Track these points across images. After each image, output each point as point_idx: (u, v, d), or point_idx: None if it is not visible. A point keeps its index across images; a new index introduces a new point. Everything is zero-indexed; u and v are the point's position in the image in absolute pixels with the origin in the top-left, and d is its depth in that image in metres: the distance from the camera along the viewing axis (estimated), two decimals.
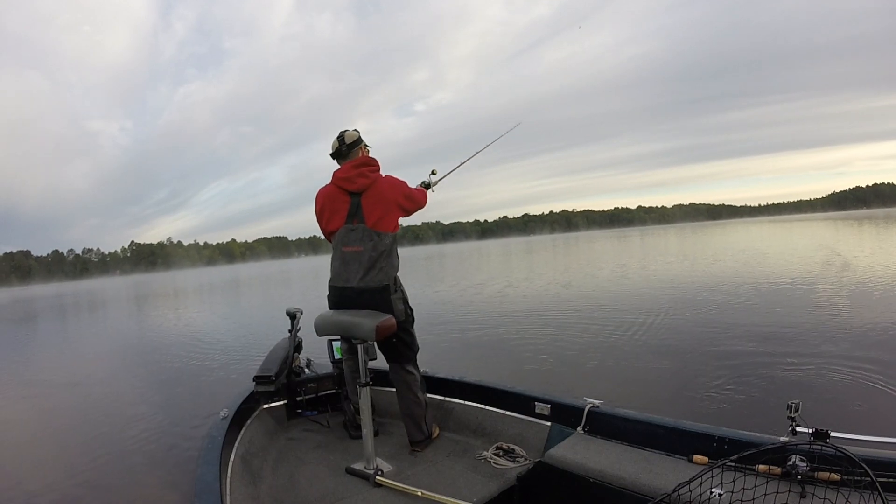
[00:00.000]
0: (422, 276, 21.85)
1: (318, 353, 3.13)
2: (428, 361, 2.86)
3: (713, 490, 1.44)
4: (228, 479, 1.88)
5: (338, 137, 2.50)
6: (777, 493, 1.39)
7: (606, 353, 5.88)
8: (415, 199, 2.58)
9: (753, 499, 1.37)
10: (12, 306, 33.94)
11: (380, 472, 2.08)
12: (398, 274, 2.44)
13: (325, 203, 2.45)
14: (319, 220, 2.51)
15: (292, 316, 2.94)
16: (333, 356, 2.95)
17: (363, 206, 2.36)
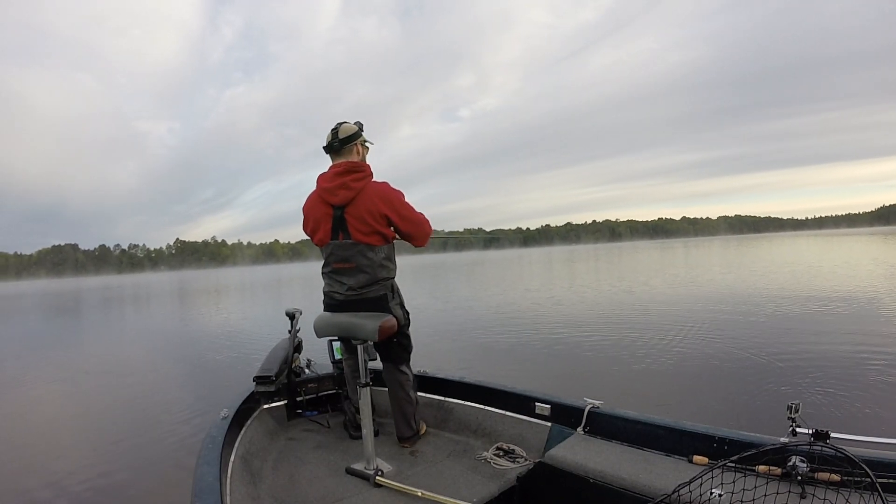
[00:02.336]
0: (474, 282, 22.02)
1: (318, 354, 3.13)
2: (477, 367, 2.81)
3: (713, 490, 1.44)
4: (228, 479, 1.88)
5: (332, 130, 2.29)
6: (777, 493, 1.39)
7: (626, 357, 5.93)
8: (410, 217, 2.30)
9: (753, 499, 1.37)
10: (58, 296, 35.27)
11: (380, 473, 2.08)
12: (395, 279, 2.42)
13: (309, 214, 2.35)
14: (305, 231, 2.39)
15: (291, 316, 2.94)
16: (333, 356, 2.95)
17: (347, 220, 2.22)
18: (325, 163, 2.37)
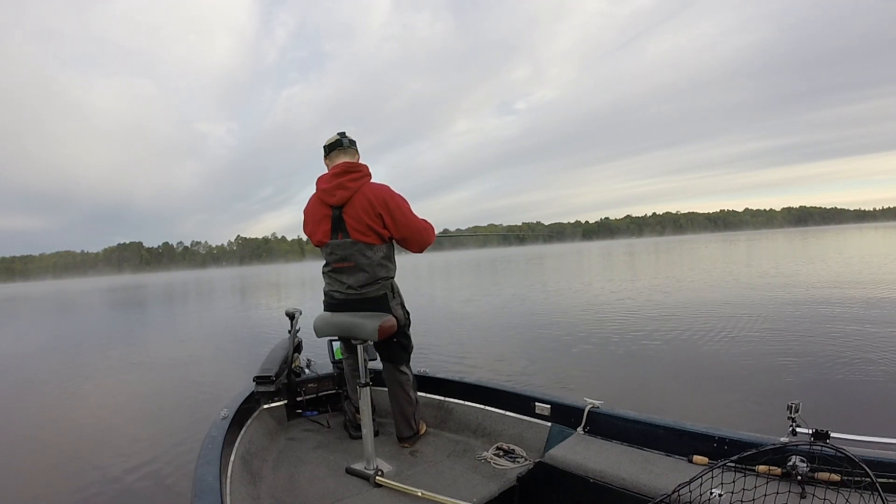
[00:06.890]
0: (552, 275, 21.68)
1: (318, 354, 3.13)
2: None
3: (713, 490, 1.44)
4: (228, 479, 1.88)
5: (331, 141, 2.40)
6: (777, 493, 1.39)
7: (628, 356, 5.95)
8: (404, 223, 2.30)
9: (753, 499, 1.37)
10: (122, 291, 37.31)
11: (380, 473, 2.08)
12: (395, 279, 2.43)
13: (309, 216, 2.41)
14: (304, 232, 2.45)
15: (291, 316, 2.94)
16: (333, 356, 2.95)
17: (345, 219, 2.27)
18: (385, 161, 2.50)
